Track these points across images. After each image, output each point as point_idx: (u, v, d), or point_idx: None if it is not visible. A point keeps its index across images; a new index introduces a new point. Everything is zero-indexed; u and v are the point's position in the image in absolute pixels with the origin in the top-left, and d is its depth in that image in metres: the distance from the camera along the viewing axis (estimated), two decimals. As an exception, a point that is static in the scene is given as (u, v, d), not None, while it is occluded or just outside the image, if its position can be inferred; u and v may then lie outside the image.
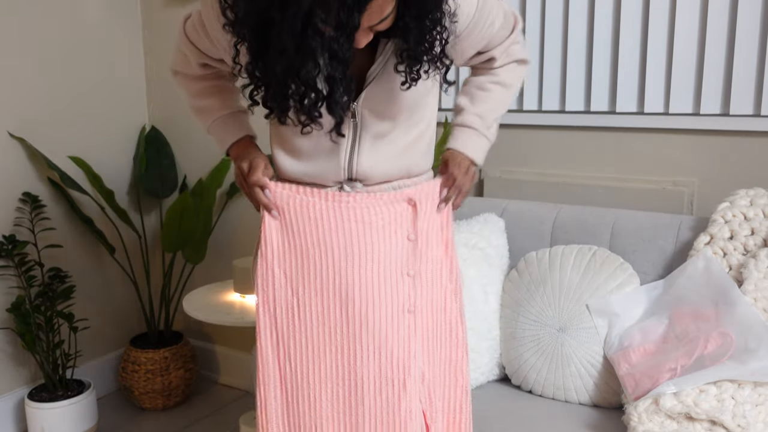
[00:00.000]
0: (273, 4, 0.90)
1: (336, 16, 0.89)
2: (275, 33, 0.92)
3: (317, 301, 1.19)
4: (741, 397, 1.43)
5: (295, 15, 0.89)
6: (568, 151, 2.25)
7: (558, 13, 2.18)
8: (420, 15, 0.99)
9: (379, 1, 0.92)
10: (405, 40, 1.02)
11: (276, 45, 0.93)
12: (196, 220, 2.50)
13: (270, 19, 0.92)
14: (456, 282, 1.30)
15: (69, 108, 2.60)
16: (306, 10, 0.88)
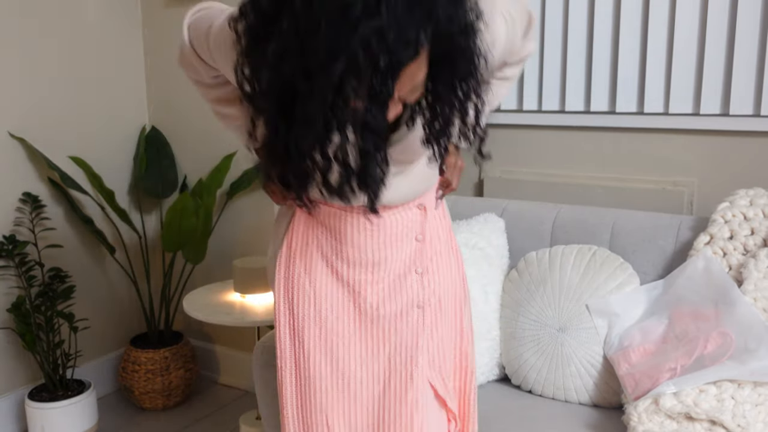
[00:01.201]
0: (300, 74, 0.81)
1: (368, 85, 0.81)
2: (301, 105, 0.83)
3: (333, 294, 1.23)
4: (741, 397, 1.43)
5: (324, 85, 0.80)
6: (568, 151, 2.25)
7: (558, 13, 2.18)
8: (452, 82, 0.91)
9: (412, 68, 0.84)
10: (434, 111, 0.94)
11: (302, 118, 0.84)
12: (196, 220, 2.50)
13: (295, 90, 0.83)
14: (461, 273, 1.33)
15: (69, 108, 2.60)
16: (336, 80, 0.79)
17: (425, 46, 0.83)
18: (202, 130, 2.72)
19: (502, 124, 2.35)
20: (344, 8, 0.77)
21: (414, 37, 0.80)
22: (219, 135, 2.67)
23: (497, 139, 2.38)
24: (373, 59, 0.79)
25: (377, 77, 0.80)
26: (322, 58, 0.79)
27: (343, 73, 0.79)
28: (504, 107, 2.34)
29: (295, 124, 0.85)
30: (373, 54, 0.78)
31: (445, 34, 0.85)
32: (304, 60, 0.80)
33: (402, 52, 0.80)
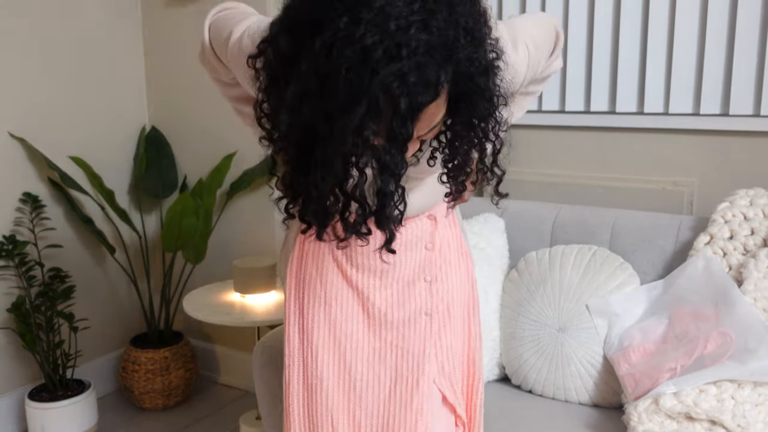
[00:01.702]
0: (320, 116, 0.81)
1: (388, 127, 0.81)
2: (321, 146, 0.83)
3: (343, 296, 1.22)
4: (741, 397, 1.43)
5: (344, 127, 0.80)
6: (568, 151, 2.25)
7: (558, 13, 2.18)
8: (471, 121, 0.91)
9: (431, 109, 0.83)
10: (453, 148, 0.94)
11: (321, 158, 0.84)
12: (196, 220, 2.50)
13: (315, 132, 0.83)
14: (471, 280, 1.32)
15: (69, 108, 2.60)
16: (357, 122, 0.79)
17: (445, 87, 0.83)
18: (202, 130, 2.72)
19: (502, 124, 2.35)
20: (365, 52, 0.77)
21: (434, 80, 0.80)
22: (219, 135, 2.67)
23: (497, 139, 2.37)
24: (394, 102, 0.78)
25: (397, 119, 0.80)
26: (343, 101, 0.78)
27: (364, 116, 0.79)
28: (504, 107, 2.34)
29: (315, 164, 0.84)
30: (393, 97, 0.78)
31: (465, 75, 0.84)
32: (324, 102, 0.79)
33: (422, 95, 0.80)
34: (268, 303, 2.26)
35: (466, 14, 0.86)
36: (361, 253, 1.19)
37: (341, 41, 0.77)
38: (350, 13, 0.78)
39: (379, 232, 0.93)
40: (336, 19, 0.78)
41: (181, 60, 2.72)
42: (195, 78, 2.69)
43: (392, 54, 0.77)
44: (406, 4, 0.79)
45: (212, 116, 2.68)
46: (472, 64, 0.85)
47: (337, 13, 0.78)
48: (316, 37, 0.79)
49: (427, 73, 0.79)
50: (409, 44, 0.78)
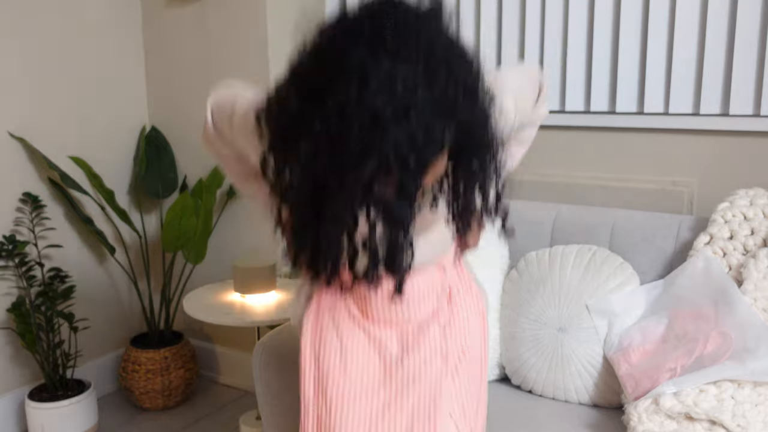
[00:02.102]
0: (332, 172, 0.85)
1: (397, 183, 0.85)
2: (331, 200, 0.87)
3: (358, 346, 1.23)
4: (741, 396, 1.43)
5: (355, 182, 0.84)
6: (568, 151, 2.25)
7: (558, 13, 2.19)
8: (472, 166, 0.95)
9: (438, 163, 0.89)
10: (456, 193, 0.98)
11: (331, 212, 0.88)
12: (196, 220, 2.50)
13: (325, 186, 0.86)
14: (483, 319, 1.33)
15: (69, 108, 2.60)
16: (367, 179, 0.83)
17: (448, 141, 0.87)
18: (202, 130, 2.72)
19: (502, 124, 2.35)
20: (375, 114, 0.80)
21: (440, 137, 0.85)
22: (219, 135, 2.67)
23: (497, 139, 2.37)
24: (403, 159, 0.83)
25: (406, 175, 0.84)
26: (355, 159, 0.82)
27: (374, 172, 0.83)
28: (504, 107, 2.34)
29: (325, 217, 0.88)
30: (403, 155, 0.82)
31: (465, 128, 0.89)
32: (335, 160, 0.83)
33: (429, 151, 0.84)
34: (268, 303, 2.26)
35: (464, 72, 0.90)
36: (376, 306, 1.22)
37: (353, 103, 0.81)
38: (359, 76, 0.82)
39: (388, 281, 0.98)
40: (347, 81, 0.82)
41: (181, 60, 2.72)
42: (195, 78, 2.70)
43: (401, 115, 0.81)
44: (411, 66, 0.83)
45: (212, 116, 2.68)
46: (471, 118, 0.90)
47: (347, 76, 0.82)
48: (328, 98, 0.82)
49: (434, 132, 0.84)
50: (416, 105, 0.82)
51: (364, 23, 0.86)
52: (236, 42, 2.55)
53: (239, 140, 1.14)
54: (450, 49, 0.90)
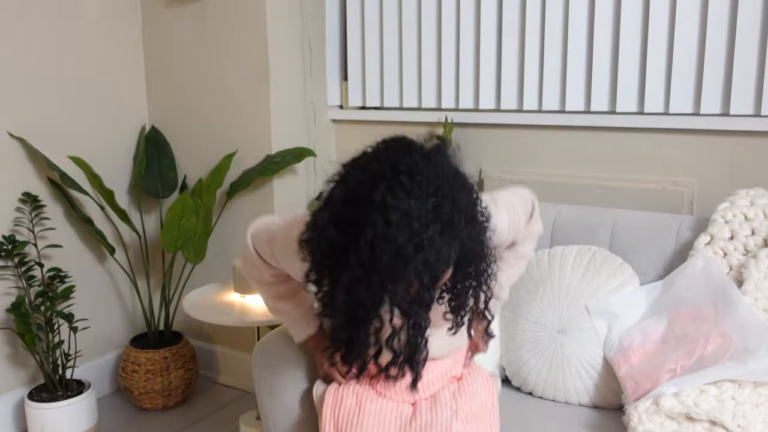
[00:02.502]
0: (366, 293, 1.06)
1: (416, 295, 1.07)
2: (367, 312, 1.10)
3: (376, 408, 1.39)
4: (741, 397, 1.43)
5: (384, 300, 1.07)
6: (568, 151, 2.25)
7: (558, 13, 2.18)
8: (469, 277, 1.18)
9: (447, 275, 1.11)
10: (456, 294, 1.20)
11: (364, 320, 1.12)
12: (196, 220, 2.50)
13: (362, 304, 1.08)
14: (493, 398, 1.47)
15: (69, 108, 2.60)
16: (390, 293, 1.06)
17: (454, 259, 1.09)
18: (202, 129, 2.72)
19: (502, 124, 2.35)
20: (399, 248, 1.02)
21: (448, 257, 1.06)
22: (219, 135, 2.67)
23: (497, 139, 2.38)
24: (421, 279, 1.05)
25: (423, 288, 1.06)
26: (384, 283, 1.04)
27: (402, 291, 1.06)
28: (504, 107, 2.35)
29: (362, 326, 1.13)
30: (421, 276, 1.04)
31: (466, 247, 1.11)
32: (370, 285, 1.04)
33: (441, 269, 1.06)
34: (268, 303, 2.26)
35: (464, 202, 1.10)
36: (392, 388, 1.41)
37: (380, 240, 1.02)
38: (383, 216, 1.02)
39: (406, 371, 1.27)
40: (372, 220, 1.02)
41: (181, 60, 2.72)
42: (195, 78, 2.70)
43: (418, 247, 1.03)
44: (422, 203, 1.04)
45: (212, 116, 2.68)
46: (471, 238, 1.11)
47: (373, 216, 1.03)
48: (359, 236, 1.03)
49: (443, 254, 1.05)
50: (431, 239, 1.03)
51: (383, 167, 1.06)
52: (236, 42, 2.55)
53: (282, 260, 1.37)
54: (453, 182, 1.10)
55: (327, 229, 1.08)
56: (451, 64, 2.42)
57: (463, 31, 2.37)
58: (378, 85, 2.60)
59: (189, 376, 2.68)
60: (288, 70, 2.56)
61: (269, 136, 2.55)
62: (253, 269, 1.49)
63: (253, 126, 2.58)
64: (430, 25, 2.43)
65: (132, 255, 2.83)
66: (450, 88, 2.43)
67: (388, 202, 1.03)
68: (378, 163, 1.08)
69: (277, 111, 2.55)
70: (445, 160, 1.13)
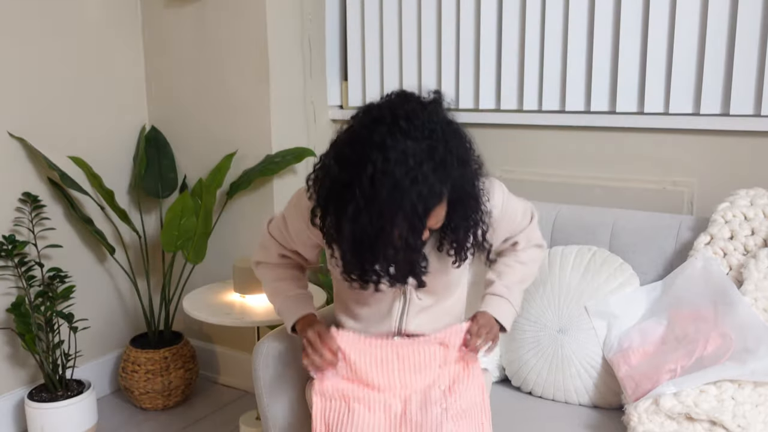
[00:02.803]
0: (369, 222, 1.19)
1: (411, 223, 1.19)
2: (371, 239, 1.21)
3: (365, 407, 1.44)
4: (741, 397, 1.43)
5: (387, 228, 1.19)
6: (568, 151, 2.25)
7: (558, 13, 2.18)
8: (465, 216, 1.31)
9: (438, 209, 1.23)
10: (455, 236, 1.34)
11: (372, 246, 1.24)
12: (196, 220, 2.50)
13: (366, 233, 1.21)
14: (480, 387, 1.50)
15: (69, 108, 2.59)
16: (393, 223, 1.19)
17: (446, 194, 1.23)
18: (202, 129, 2.72)
19: (502, 124, 2.35)
20: (397, 182, 1.16)
21: (439, 192, 1.20)
22: (219, 135, 2.67)
23: (497, 139, 2.38)
24: (415, 209, 1.18)
25: (416, 218, 1.19)
26: (384, 212, 1.18)
27: (400, 220, 1.18)
28: (504, 107, 2.35)
29: (367, 251, 1.25)
30: (415, 206, 1.18)
31: (458, 186, 1.25)
32: (371, 213, 1.18)
33: (432, 202, 1.20)
34: (268, 303, 2.26)
35: (457, 146, 1.25)
36: (378, 373, 1.46)
37: (379, 175, 1.16)
38: (382, 154, 1.17)
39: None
40: (373, 158, 1.17)
41: (181, 60, 2.72)
42: (195, 78, 2.70)
43: (413, 180, 1.17)
44: (418, 144, 1.19)
45: (212, 116, 2.68)
46: (463, 178, 1.26)
47: (373, 154, 1.17)
48: (361, 172, 1.17)
49: (435, 189, 1.19)
50: (424, 174, 1.17)
51: (384, 112, 1.21)
52: (236, 42, 2.55)
53: (293, 234, 1.54)
54: (447, 128, 1.24)
55: (332, 167, 1.23)
56: (451, 64, 2.42)
57: (463, 31, 2.37)
58: (378, 85, 2.60)
59: (189, 376, 2.68)
60: (288, 70, 2.56)
61: (269, 136, 2.55)
62: (264, 251, 1.63)
63: (253, 126, 2.58)
64: (430, 25, 2.43)
65: (132, 255, 2.83)
66: (450, 88, 2.43)
67: (387, 143, 1.18)
68: (379, 110, 1.23)
69: (277, 111, 2.55)
70: (440, 110, 1.28)
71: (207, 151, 2.71)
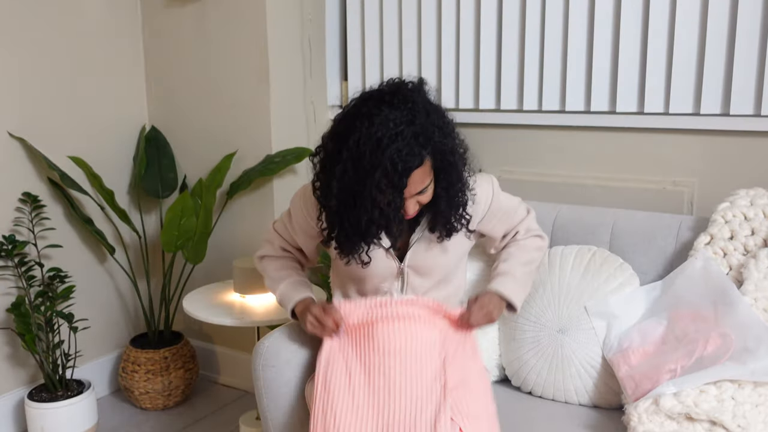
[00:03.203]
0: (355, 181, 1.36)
1: (393, 181, 1.34)
2: (357, 197, 1.38)
3: (366, 375, 1.47)
4: (741, 397, 1.43)
5: (370, 184, 1.35)
6: (568, 151, 2.25)
7: (558, 13, 2.18)
8: (448, 187, 1.46)
9: (419, 172, 1.37)
10: (438, 206, 1.47)
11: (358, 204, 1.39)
12: (196, 220, 2.50)
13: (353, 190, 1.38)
14: (476, 353, 1.56)
15: (69, 108, 2.60)
16: (377, 181, 1.34)
17: (428, 158, 1.38)
18: (202, 129, 2.72)
19: (502, 124, 2.35)
20: (378, 141, 1.33)
21: (419, 153, 1.36)
22: (219, 135, 2.67)
23: (497, 139, 2.38)
24: (395, 166, 1.33)
25: (397, 176, 1.34)
26: (368, 170, 1.34)
27: (380, 177, 1.34)
28: (504, 107, 2.34)
29: (351, 210, 1.41)
30: (395, 164, 1.33)
31: (439, 153, 1.41)
32: (356, 172, 1.35)
33: (411, 162, 1.35)
34: (268, 303, 2.26)
35: (438, 120, 1.42)
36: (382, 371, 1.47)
37: (364, 137, 1.34)
38: (368, 121, 1.34)
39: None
40: (360, 125, 1.35)
41: (181, 60, 2.72)
42: (195, 78, 2.70)
43: (393, 140, 1.33)
44: (399, 112, 1.36)
45: (212, 116, 2.68)
46: (443, 146, 1.41)
47: (360, 122, 1.35)
48: (349, 138, 1.35)
49: (414, 150, 1.35)
50: (404, 136, 1.34)
51: (373, 92, 1.41)
52: (236, 42, 2.55)
53: (296, 227, 1.68)
54: (428, 105, 1.42)
55: (327, 141, 1.44)
56: (451, 64, 2.42)
57: (463, 31, 2.37)
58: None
59: (189, 376, 2.68)
60: (288, 70, 2.56)
61: (269, 136, 2.55)
62: (268, 246, 1.77)
63: (253, 126, 2.58)
64: (430, 25, 2.43)
65: (132, 255, 2.83)
66: (450, 88, 2.43)
67: (373, 112, 1.35)
68: (369, 92, 1.43)
69: (277, 111, 2.55)
70: (423, 90, 1.46)
71: (207, 151, 2.71)
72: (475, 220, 1.60)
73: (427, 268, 1.58)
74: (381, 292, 1.60)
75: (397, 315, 1.51)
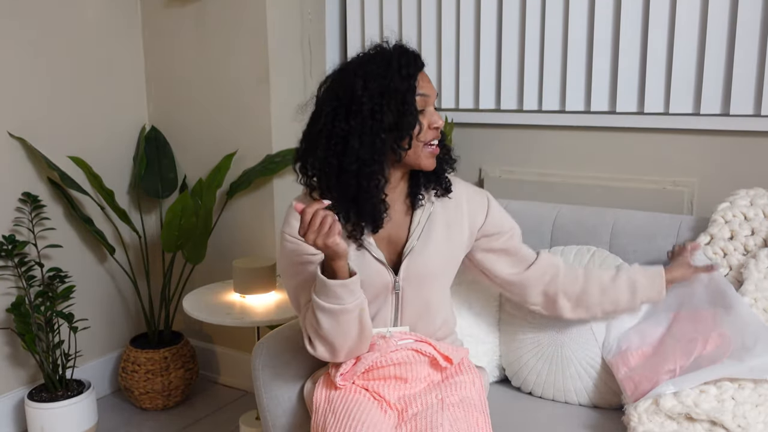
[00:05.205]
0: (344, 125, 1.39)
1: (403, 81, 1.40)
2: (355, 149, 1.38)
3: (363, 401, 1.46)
4: (741, 397, 1.43)
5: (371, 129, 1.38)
6: (568, 151, 2.25)
7: (558, 13, 2.18)
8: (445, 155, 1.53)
9: (423, 75, 1.46)
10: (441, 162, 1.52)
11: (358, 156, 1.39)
12: (196, 220, 2.50)
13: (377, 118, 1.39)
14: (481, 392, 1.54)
15: (69, 108, 2.60)
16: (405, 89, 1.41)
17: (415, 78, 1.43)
18: (202, 129, 2.72)
19: (502, 124, 2.35)
20: (381, 57, 1.42)
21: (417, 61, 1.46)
22: (219, 135, 2.67)
23: (497, 139, 2.38)
24: (381, 103, 1.38)
25: (406, 69, 1.42)
26: (379, 80, 1.39)
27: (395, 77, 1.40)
28: (504, 107, 2.34)
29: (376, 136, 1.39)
30: (403, 67, 1.41)
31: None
32: (371, 88, 1.38)
33: (417, 64, 1.45)
34: (268, 303, 2.26)
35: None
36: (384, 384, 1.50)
37: (362, 71, 1.41)
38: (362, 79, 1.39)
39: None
40: (352, 69, 1.41)
41: (181, 60, 2.72)
42: (195, 78, 2.70)
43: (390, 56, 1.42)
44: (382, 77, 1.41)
45: (212, 116, 2.68)
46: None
47: (351, 67, 1.42)
48: (353, 81, 1.39)
49: (412, 60, 1.44)
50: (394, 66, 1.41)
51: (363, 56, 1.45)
52: (236, 42, 2.55)
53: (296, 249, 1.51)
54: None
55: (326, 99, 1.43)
56: (451, 64, 2.42)
57: (463, 31, 2.37)
58: (378, 85, 2.60)
59: (189, 376, 2.68)
60: (288, 70, 2.56)
61: (269, 136, 2.55)
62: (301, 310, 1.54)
63: (253, 126, 2.58)
64: (430, 25, 2.43)
65: (132, 255, 2.83)
66: (450, 88, 2.43)
67: (355, 62, 1.43)
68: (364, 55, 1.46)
69: (277, 111, 2.55)
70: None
71: (207, 151, 2.71)
72: (477, 222, 1.57)
73: (421, 278, 1.50)
74: (375, 319, 1.52)
75: (392, 362, 1.49)
